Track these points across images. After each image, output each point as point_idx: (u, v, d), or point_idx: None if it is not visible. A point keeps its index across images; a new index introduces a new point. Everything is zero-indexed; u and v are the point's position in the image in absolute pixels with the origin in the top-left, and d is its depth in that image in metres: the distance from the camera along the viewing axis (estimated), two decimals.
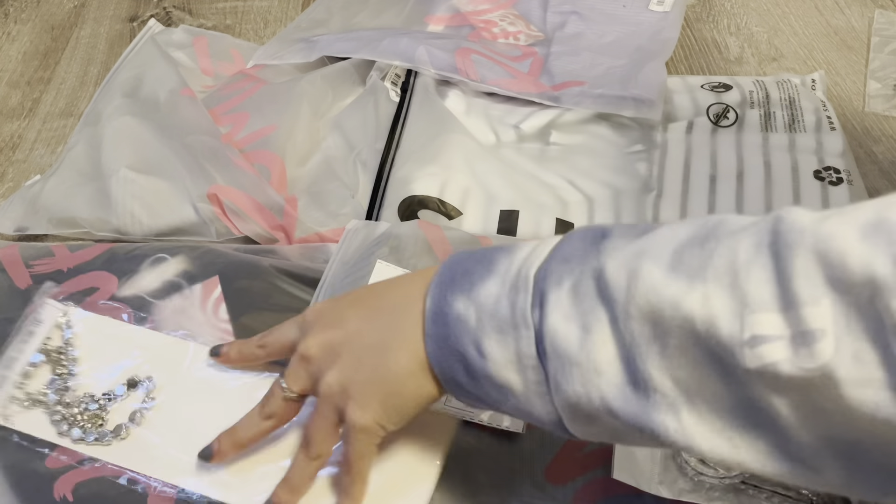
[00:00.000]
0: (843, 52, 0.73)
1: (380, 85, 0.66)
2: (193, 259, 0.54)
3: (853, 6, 0.79)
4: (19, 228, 0.60)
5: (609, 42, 0.72)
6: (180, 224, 0.58)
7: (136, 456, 0.43)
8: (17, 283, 0.53)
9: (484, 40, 0.73)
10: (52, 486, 0.42)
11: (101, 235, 0.59)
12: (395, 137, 0.63)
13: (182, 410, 0.45)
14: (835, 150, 0.59)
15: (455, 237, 0.52)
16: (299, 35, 0.73)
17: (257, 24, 0.80)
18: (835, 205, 0.55)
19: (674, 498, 0.40)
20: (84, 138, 0.64)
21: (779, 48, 0.74)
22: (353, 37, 0.70)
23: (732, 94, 0.65)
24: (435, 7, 0.77)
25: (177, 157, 0.60)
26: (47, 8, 0.84)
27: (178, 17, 0.81)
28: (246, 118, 0.64)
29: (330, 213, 0.58)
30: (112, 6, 0.84)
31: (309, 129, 0.64)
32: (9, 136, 0.69)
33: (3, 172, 0.66)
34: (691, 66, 0.73)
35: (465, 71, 0.66)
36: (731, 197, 0.57)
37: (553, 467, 0.43)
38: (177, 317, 0.50)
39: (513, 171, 0.60)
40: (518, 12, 0.77)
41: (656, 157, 0.61)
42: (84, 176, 0.61)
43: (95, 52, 0.78)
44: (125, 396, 0.46)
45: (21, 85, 0.75)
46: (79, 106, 0.72)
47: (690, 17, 0.79)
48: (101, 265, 0.53)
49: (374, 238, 0.52)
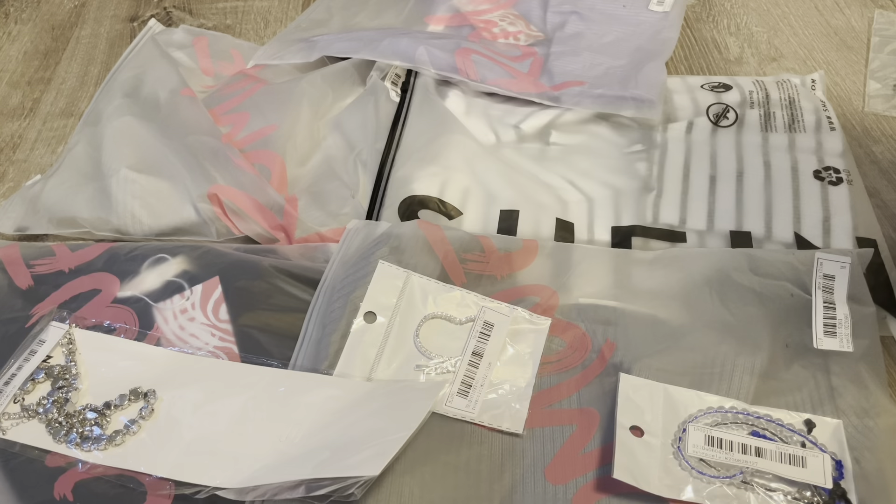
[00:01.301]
0: (843, 52, 0.73)
1: (380, 85, 0.66)
2: (194, 259, 0.54)
3: (853, 6, 0.79)
4: (20, 228, 0.60)
5: (609, 42, 0.72)
6: (181, 224, 0.58)
7: (134, 458, 0.43)
8: (17, 283, 0.53)
9: (484, 40, 0.73)
10: (52, 485, 0.42)
11: (101, 235, 0.59)
12: (396, 137, 0.63)
13: (183, 422, 0.45)
14: (835, 150, 0.59)
15: (455, 237, 0.52)
16: (299, 35, 0.73)
17: (257, 24, 0.80)
18: (834, 204, 0.55)
19: (674, 498, 0.41)
20: (84, 138, 0.64)
21: (779, 48, 0.74)
22: (353, 37, 0.70)
23: (732, 95, 0.65)
24: (435, 7, 0.77)
25: (177, 157, 0.60)
26: (47, 8, 0.84)
27: (178, 17, 0.81)
28: (246, 118, 0.64)
29: (330, 213, 0.58)
30: (112, 6, 0.84)
31: (309, 129, 0.64)
32: (9, 135, 0.69)
33: (4, 172, 0.66)
34: (691, 66, 0.73)
35: (465, 71, 0.66)
36: (731, 197, 0.57)
37: (553, 467, 0.43)
38: (178, 325, 0.50)
39: (513, 171, 0.60)
40: (518, 12, 0.77)
41: (656, 157, 0.61)
42: (84, 176, 0.61)
43: (96, 52, 0.78)
44: (125, 406, 0.46)
45: (21, 85, 0.75)
46: (79, 106, 0.72)
47: (690, 17, 0.79)
48: (103, 266, 0.54)
49: (375, 238, 0.52)
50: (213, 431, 0.44)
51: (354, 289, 0.49)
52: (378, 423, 0.43)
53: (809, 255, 0.50)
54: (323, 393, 0.45)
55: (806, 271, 0.49)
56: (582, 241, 0.56)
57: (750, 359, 0.46)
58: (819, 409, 0.44)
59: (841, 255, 0.49)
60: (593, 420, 0.45)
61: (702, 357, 0.47)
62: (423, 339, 0.48)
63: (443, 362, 0.47)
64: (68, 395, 0.46)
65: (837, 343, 0.46)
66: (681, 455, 0.42)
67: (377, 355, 0.47)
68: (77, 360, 0.48)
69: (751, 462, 0.41)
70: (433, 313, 0.49)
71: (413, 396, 0.45)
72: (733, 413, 0.44)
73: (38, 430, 0.45)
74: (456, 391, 0.46)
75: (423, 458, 0.43)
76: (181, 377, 0.47)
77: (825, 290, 0.48)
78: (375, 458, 0.41)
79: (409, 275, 0.50)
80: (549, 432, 0.44)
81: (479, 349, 0.48)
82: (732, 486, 0.41)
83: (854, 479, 0.41)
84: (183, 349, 0.49)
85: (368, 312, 0.48)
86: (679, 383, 0.45)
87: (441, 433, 0.44)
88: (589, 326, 0.49)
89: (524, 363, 0.47)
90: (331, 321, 0.48)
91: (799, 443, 0.42)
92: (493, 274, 0.52)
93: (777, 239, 0.54)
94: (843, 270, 0.49)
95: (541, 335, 0.48)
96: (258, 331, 0.50)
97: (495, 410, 0.45)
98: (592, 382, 0.46)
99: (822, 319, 0.47)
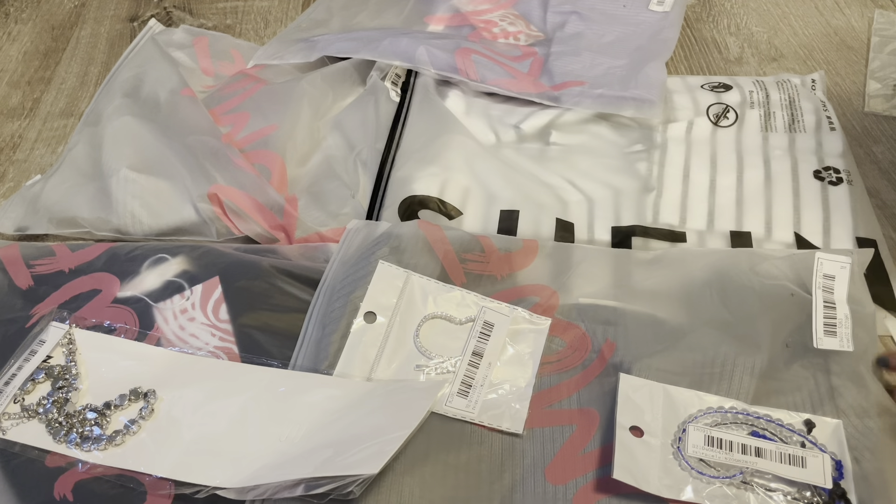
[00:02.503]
0: (843, 52, 0.73)
1: (380, 85, 0.66)
2: (194, 259, 0.54)
3: (853, 6, 0.79)
4: (20, 228, 0.60)
5: (609, 42, 0.72)
6: (181, 224, 0.58)
7: (133, 458, 0.43)
8: (17, 283, 0.53)
9: (484, 40, 0.73)
10: (52, 485, 0.42)
11: (101, 235, 0.59)
12: (396, 137, 0.63)
13: (183, 421, 0.45)
14: (835, 151, 0.59)
15: (455, 237, 0.52)
16: (299, 35, 0.73)
17: (258, 24, 0.80)
18: (835, 205, 0.55)
19: (674, 498, 0.41)
20: (84, 138, 0.64)
21: (779, 48, 0.74)
22: (354, 37, 0.70)
23: (732, 95, 0.65)
24: (435, 7, 0.77)
25: (177, 157, 0.60)
26: (48, 8, 0.84)
27: (178, 17, 0.81)
28: (246, 118, 0.64)
29: (330, 213, 0.58)
30: (112, 6, 0.84)
31: (309, 128, 0.64)
32: (9, 135, 0.69)
33: (4, 172, 0.66)
34: (691, 66, 0.73)
35: (465, 71, 0.66)
36: (731, 197, 0.57)
37: (553, 467, 0.43)
38: (178, 325, 0.50)
39: (513, 171, 0.60)
40: (518, 12, 0.77)
41: (656, 157, 0.61)
42: (84, 176, 0.61)
43: (96, 52, 0.78)
44: (125, 406, 0.46)
45: (21, 85, 0.75)
46: (79, 106, 0.72)
47: (690, 17, 0.79)
48: (103, 266, 0.54)
49: (375, 238, 0.52)
50: (213, 431, 0.44)
51: (354, 289, 0.49)
52: (377, 422, 0.43)
53: (809, 255, 0.50)
54: (323, 393, 0.45)
55: (806, 271, 0.49)
56: (582, 241, 0.56)
57: (750, 359, 0.46)
58: (819, 409, 0.44)
59: (841, 254, 0.49)
60: (593, 420, 0.45)
61: (702, 357, 0.47)
62: (423, 339, 0.48)
63: (443, 362, 0.47)
64: (68, 395, 0.46)
65: (838, 343, 0.46)
66: (680, 455, 0.42)
67: (377, 355, 0.47)
68: (77, 361, 0.48)
69: (751, 462, 0.41)
70: (433, 313, 0.49)
71: (412, 395, 0.45)
72: (733, 413, 0.44)
73: (38, 430, 0.45)
74: (456, 391, 0.46)
75: (423, 459, 0.43)
76: (181, 377, 0.47)
77: (825, 289, 0.48)
78: (374, 457, 0.41)
79: (409, 275, 0.50)
80: (549, 432, 0.44)
81: (480, 349, 0.48)
82: (732, 486, 0.41)
83: (854, 479, 0.41)
84: (183, 349, 0.49)
85: (368, 312, 0.48)
86: (679, 383, 0.45)
87: (441, 433, 0.44)
88: (589, 326, 0.49)
89: (524, 363, 0.47)
90: (331, 321, 0.48)
91: (799, 443, 0.42)
92: (493, 274, 0.52)
93: (777, 239, 0.54)
94: (843, 270, 0.49)
95: (541, 335, 0.48)
96: (258, 331, 0.50)
97: (495, 410, 0.45)
98: (592, 382, 0.46)
99: (822, 319, 0.47)
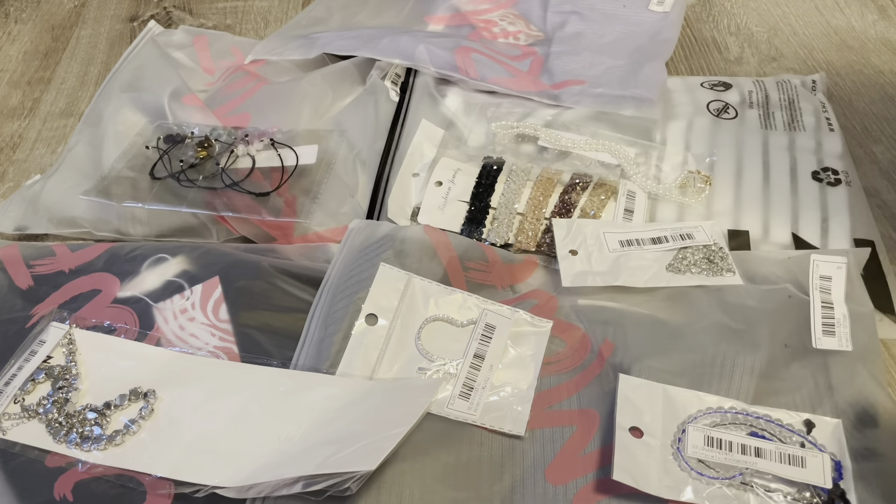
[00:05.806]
0: (843, 52, 0.73)
1: (380, 84, 0.66)
2: (194, 259, 0.54)
3: (853, 6, 0.79)
4: (19, 228, 0.60)
5: (609, 42, 0.72)
6: (180, 224, 0.58)
7: (133, 458, 0.43)
8: (17, 283, 0.53)
9: (484, 39, 0.73)
10: (52, 485, 0.42)
11: (101, 235, 0.59)
12: (395, 137, 0.63)
13: (182, 421, 0.45)
14: (834, 152, 0.59)
15: (460, 244, 0.53)
16: (299, 32, 0.73)
17: (258, 24, 0.80)
18: (832, 206, 0.55)
19: (674, 499, 0.41)
20: (84, 138, 0.64)
21: (779, 48, 0.74)
22: (353, 35, 0.70)
23: (732, 94, 0.65)
24: (435, 7, 0.77)
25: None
26: (47, 8, 0.84)
27: (178, 17, 0.81)
28: (247, 119, 0.64)
29: (330, 213, 0.58)
30: (112, 6, 0.84)
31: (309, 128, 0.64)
32: (9, 135, 0.69)
33: (4, 172, 0.66)
34: (691, 65, 0.73)
35: (464, 69, 0.66)
36: (730, 197, 0.57)
37: (553, 468, 0.43)
38: (178, 325, 0.50)
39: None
40: (518, 12, 0.77)
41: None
42: (84, 176, 0.61)
43: (96, 52, 0.78)
44: (125, 406, 0.46)
45: (21, 85, 0.75)
46: (79, 106, 0.72)
47: (690, 17, 0.79)
48: (103, 266, 0.54)
49: (377, 239, 0.52)
50: (213, 431, 0.44)
51: (357, 290, 0.49)
52: (376, 419, 0.43)
53: (805, 257, 0.50)
54: (322, 391, 0.45)
55: (803, 272, 0.49)
56: None
57: (749, 359, 0.46)
58: (818, 409, 0.44)
59: (836, 255, 0.49)
60: (593, 421, 0.45)
61: (701, 357, 0.47)
62: (425, 341, 0.48)
63: (444, 364, 0.47)
64: (68, 395, 0.46)
65: (836, 342, 0.46)
66: (680, 456, 0.42)
67: (378, 358, 0.47)
68: (77, 361, 0.48)
69: (750, 462, 0.41)
70: (434, 316, 0.49)
71: (411, 393, 0.45)
72: (732, 413, 0.44)
73: (38, 430, 0.45)
74: (458, 393, 0.46)
75: (423, 460, 0.43)
76: (181, 377, 0.47)
77: (822, 290, 0.48)
78: (372, 454, 0.41)
79: (411, 277, 0.50)
80: (549, 433, 0.44)
81: (481, 351, 0.48)
82: (732, 486, 0.41)
83: (853, 479, 0.41)
84: (183, 349, 0.49)
85: (370, 315, 0.48)
86: (678, 384, 0.45)
87: (442, 435, 0.44)
88: (588, 327, 0.49)
89: (526, 365, 0.47)
90: (333, 321, 0.48)
91: (798, 443, 0.42)
92: (494, 284, 0.52)
93: (774, 239, 0.54)
94: (839, 271, 0.49)
95: (542, 337, 0.48)
96: (258, 331, 0.50)
97: (497, 412, 0.45)
98: (592, 383, 0.46)
99: (820, 319, 0.47)
